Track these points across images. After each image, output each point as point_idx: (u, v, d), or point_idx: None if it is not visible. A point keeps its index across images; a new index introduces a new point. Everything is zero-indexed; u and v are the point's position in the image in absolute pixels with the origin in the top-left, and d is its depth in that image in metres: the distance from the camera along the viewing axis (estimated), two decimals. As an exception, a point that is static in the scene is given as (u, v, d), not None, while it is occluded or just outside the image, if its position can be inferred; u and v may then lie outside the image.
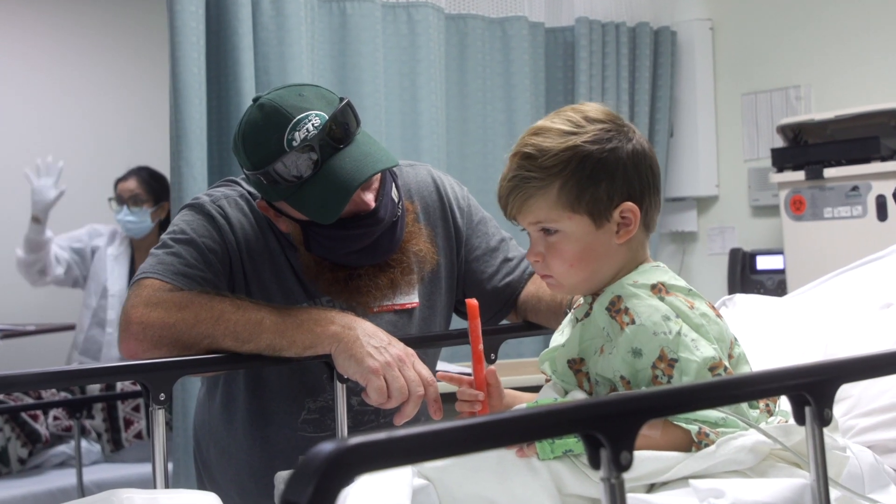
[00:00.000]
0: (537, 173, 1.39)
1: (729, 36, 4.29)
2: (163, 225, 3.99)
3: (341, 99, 1.69)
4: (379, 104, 3.32)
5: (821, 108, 3.89)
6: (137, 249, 4.06)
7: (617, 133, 1.41)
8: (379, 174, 1.70)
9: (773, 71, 4.12)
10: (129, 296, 1.67)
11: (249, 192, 1.82)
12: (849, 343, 1.74)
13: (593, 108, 1.43)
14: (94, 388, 3.57)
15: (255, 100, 1.70)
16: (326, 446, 0.73)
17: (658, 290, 1.38)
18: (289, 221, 1.73)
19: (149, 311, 1.62)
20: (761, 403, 1.38)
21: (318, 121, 1.63)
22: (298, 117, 1.64)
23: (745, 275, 3.95)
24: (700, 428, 1.29)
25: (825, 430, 1.11)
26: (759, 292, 3.63)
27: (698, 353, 1.31)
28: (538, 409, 0.88)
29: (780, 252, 3.84)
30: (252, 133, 1.66)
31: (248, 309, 1.64)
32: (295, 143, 1.62)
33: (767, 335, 1.87)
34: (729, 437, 1.27)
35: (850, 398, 1.62)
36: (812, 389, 1.07)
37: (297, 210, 1.67)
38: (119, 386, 3.56)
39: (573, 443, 1.27)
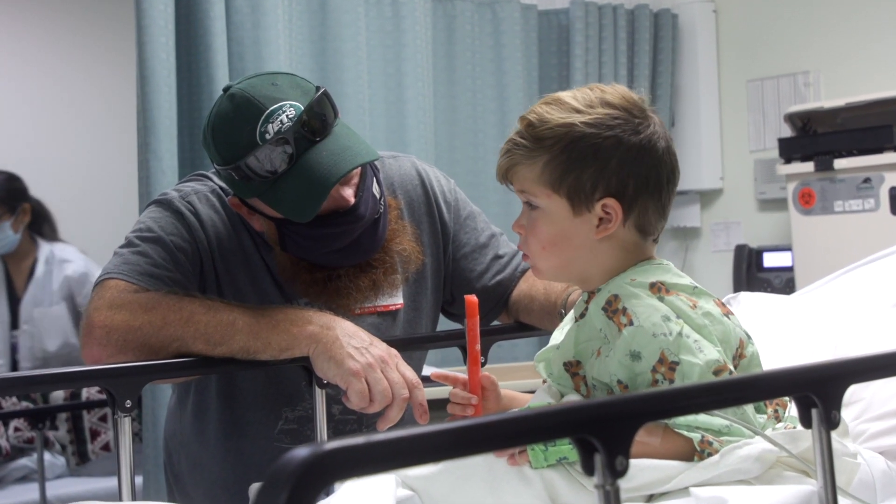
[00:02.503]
0: (529, 143, 1.40)
1: (733, 18, 4.30)
2: (32, 227, 3.82)
3: (317, 88, 1.68)
4: (362, 92, 3.32)
5: (831, 95, 3.90)
6: (11, 266, 3.86)
7: (625, 122, 1.40)
8: (359, 168, 1.70)
9: (780, 56, 4.13)
10: (91, 298, 1.67)
11: (221, 188, 1.81)
12: (860, 344, 1.75)
13: (615, 92, 1.43)
14: (58, 397, 3.57)
15: (225, 90, 1.69)
16: (301, 451, 0.73)
17: (657, 288, 1.37)
18: (263, 219, 1.72)
19: (112, 313, 1.61)
20: (769, 409, 1.38)
21: (293, 112, 1.63)
22: (272, 108, 1.63)
23: (751, 272, 3.96)
24: (703, 436, 1.29)
25: (834, 434, 1.11)
26: (765, 291, 3.64)
27: (701, 355, 1.30)
28: (528, 411, 0.89)
29: (787, 248, 3.85)
30: (222, 125, 1.65)
31: (220, 309, 1.63)
32: (268, 136, 1.61)
33: (774, 335, 1.87)
34: (734, 446, 1.27)
35: (861, 401, 1.63)
36: (818, 390, 1.08)
37: (272, 207, 1.66)
38: (84, 394, 3.56)
39: (567, 450, 1.27)
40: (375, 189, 1.74)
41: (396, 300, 1.86)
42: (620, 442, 0.90)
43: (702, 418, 1.29)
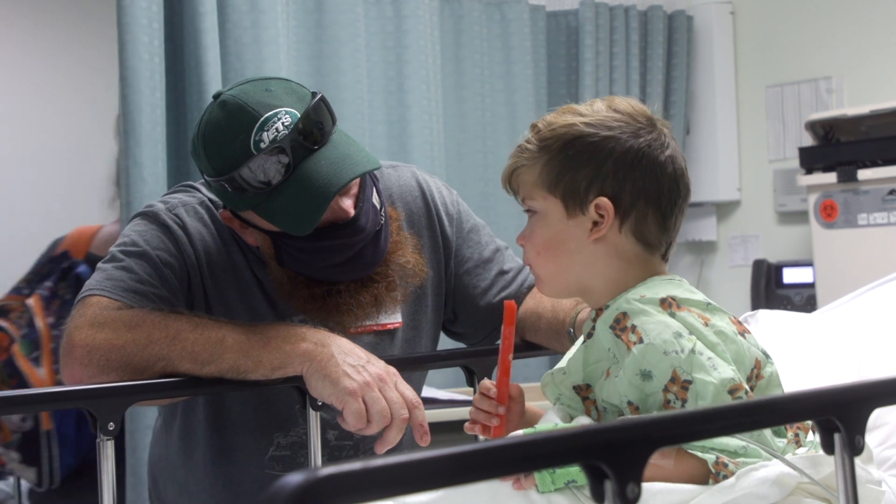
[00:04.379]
0: (534, 146, 1.48)
1: (752, 21, 4.31)
2: None
3: (314, 94, 1.68)
4: (361, 97, 3.32)
5: (855, 102, 3.90)
6: None
7: (625, 125, 1.45)
8: (358, 178, 1.70)
9: (801, 60, 4.14)
10: (72, 316, 1.66)
11: (211, 199, 1.82)
12: (885, 365, 1.75)
13: (625, 100, 1.50)
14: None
15: (215, 96, 1.69)
16: (295, 478, 0.73)
17: (668, 304, 1.38)
18: (257, 233, 1.72)
19: (94, 332, 1.61)
20: (789, 433, 1.38)
21: (289, 119, 1.63)
22: (266, 115, 1.63)
23: (770, 289, 3.96)
24: (718, 457, 1.29)
25: (857, 460, 1.11)
26: (785, 308, 3.64)
27: (715, 373, 1.31)
28: (534, 436, 0.89)
29: (809, 264, 3.85)
30: (213, 134, 1.65)
31: (208, 326, 1.63)
32: (263, 145, 1.61)
33: (794, 356, 1.87)
34: (750, 468, 1.27)
35: (886, 426, 1.63)
36: (841, 414, 1.08)
37: (267, 220, 1.66)
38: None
39: (576, 472, 1.27)
40: (375, 199, 1.74)
41: (395, 318, 1.86)
42: (632, 468, 0.90)
43: (717, 439, 1.29)
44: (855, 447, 1.09)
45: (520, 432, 1.45)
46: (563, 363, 1.47)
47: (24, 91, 5.09)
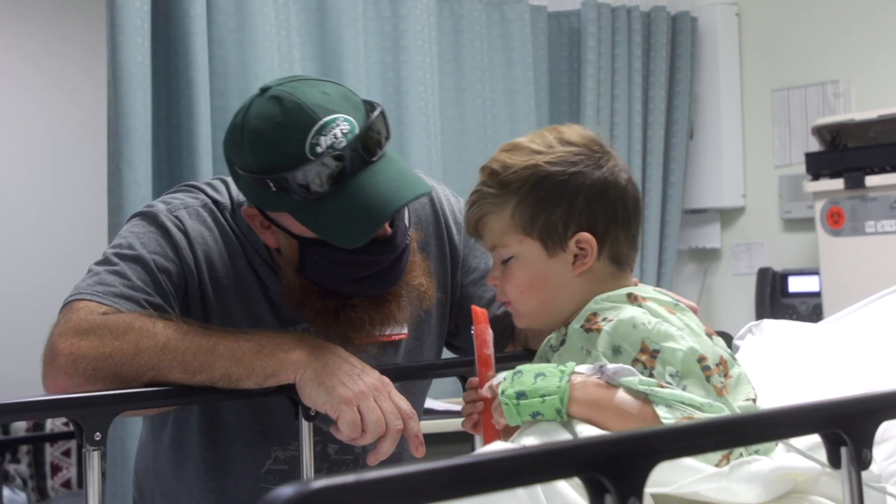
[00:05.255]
0: (496, 190, 1.53)
1: (758, 22, 4.31)
2: None
3: (372, 104, 1.66)
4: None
5: (862, 107, 3.91)
6: None
7: (586, 158, 1.53)
8: None
9: (807, 63, 4.14)
10: (57, 321, 1.65)
11: (215, 201, 1.80)
12: (893, 376, 1.75)
13: (572, 131, 1.57)
14: (20, 428, 3.56)
15: (263, 90, 1.65)
16: (286, 490, 0.73)
17: (633, 298, 1.47)
18: (281, 236, 1.69)
19: (79, 339, 1.59)
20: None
21: (347, 127, 1.60)
22: (325, 120, 1.60)
23: (775, 298, 3.96)
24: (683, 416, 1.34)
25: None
26: (791, 318, 3.64)
27: (683, 342, 1.38)
28: (532, 449, 0.89)
29: (815, 272, 3.86)
30: (267, 130, 1.61)
31: (199, 334, 1.62)
32: (320, 150, 1.58)
33: (800, 367, 1.88)
34: (743, 461, 1.30)
35: (893, 439, 1.63)
36: (848, 427, 1.08)
37: (308, 227, 1.63)
38: (49, 425, 3.55)
39: (538, 403, 1.36)
40: (406, 219, 1.74)
41: (399, 330, 1.85)
42: (633, 482, 0.90)
43: (685, 394, 1.34)
44: (862, 461, 1.09)
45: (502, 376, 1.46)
46: None
47: (10, 93, 5.09)
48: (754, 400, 1.45)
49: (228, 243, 1.78)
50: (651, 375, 1.38)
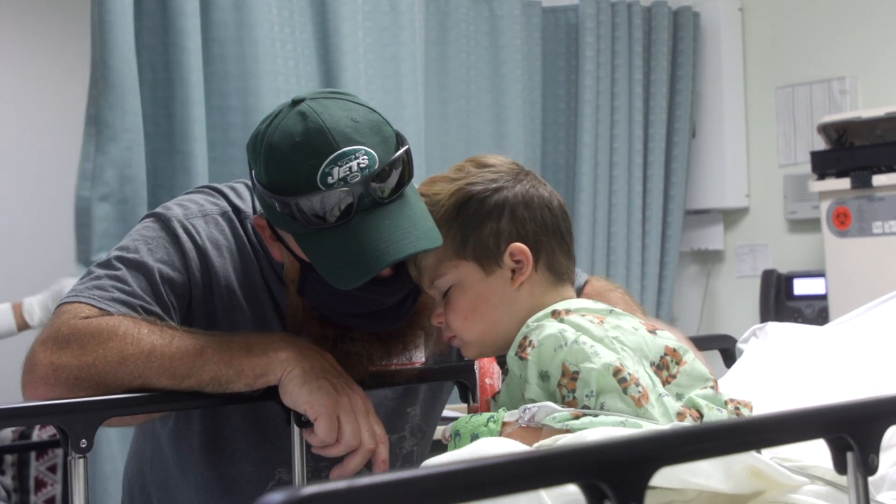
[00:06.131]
0: None
1: (762, 18, 4.32)
2: None
3: (399, 138, 1.62)
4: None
5: (869, 104, 3.92)
6: None
7: (505, 175, 1.61)
8: None
9: (813, 60, 4.15)
10: (47, 325, 1.64)
11: (236, 209, 1.78)
12: (901, 380, 1.75)
13: (491, 157, 1.65)
14: (5, 437, 3.55)
15: (296, 101, 1.60)
16: (276, 496, 0.73)
17: (557, 314, 1.52)
18: (287, 254, 1.68)
19: (60, 347, 1.57)
20: (730, 405, 1.49)
21: (366, 161, 1.55)
22: (344, 150, 1.55)
23: (779, 300, 3.97)
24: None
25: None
26: (796, 321, 3.64)
27: (597, 359, 1.41)
28: (529, 453, 0.89)
29: (821, 274, 3.86)
30: (284, 148, 1.57)
31: (184, 338, 1.61)
32: (330, 180, 1.54)
33: (805, 370, 1.87)
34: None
35: (900, 445, 1.63)
36: (854, 431, 1.08)
37: (308, 257, 1.60)
38: (36, 435, 3.54)
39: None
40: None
41: (418, 358, 1.85)
42: (633, 489, 0.90)
43: (599, 419, 1.36)
44: (869, 467, 1.09)
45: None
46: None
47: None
48: (713, 386, 1.50)
49: (244, 256, 1.76)
50: (574, 399, 1.42)
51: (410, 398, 1.93)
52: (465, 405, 1.89)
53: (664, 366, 1.49)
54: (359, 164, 1.55)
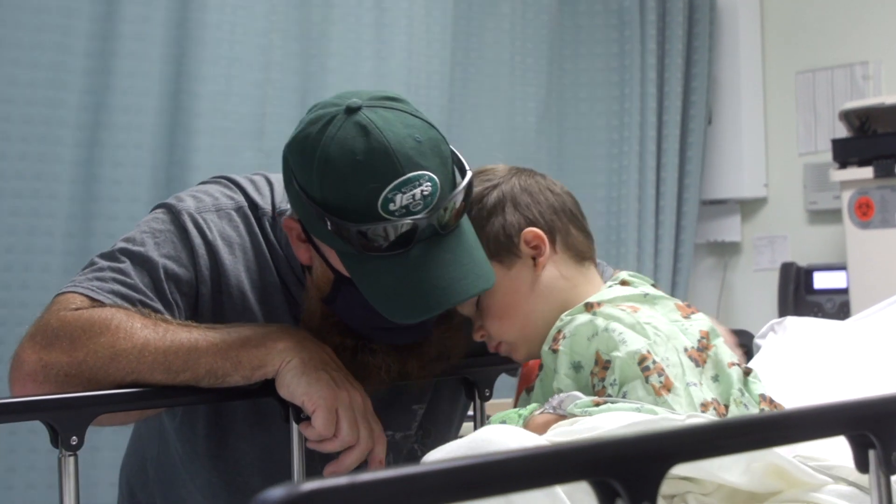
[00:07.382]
0: None
1: (781, 1, 4.31)
2: None
3: (458, 163, 1.59)
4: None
5: (894, 90, 3.91)
6: None
7: (500, 173, 1.68)
8: None
9: (834, 44, 4.14)
10: (37, 317, 1.63)
11: (253, 204, 1.75)
12: (925, 376, 1.75)
13: (490, 166, 1.72)
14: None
15: (352, 109, 1.54)
16: (276, 492, 0.73)
17: (590, 306, 1.56)
18: (319, 262, 1.64)
19: (49, 342, 1.56)
20: (763, 405, 1.51)
21: (429, 189, 1.51)
22: (409, 175, 1.50)
23: (799, 294, 3.96)
24: None
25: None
26: (816, 315, 3.64)
27: (624, 346, 1.46)
28: (538, 449, 0.89)
29: (842, 267, 3.86)
30: (344, 165, 1.51)
31: (178, 331, 1.60)
32: (392, 207, 1.50)
33: (826, 366, 1.88)
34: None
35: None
36: (877, 428, 1.08)
37: (354, 279, 1.57)
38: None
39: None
40: None
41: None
42: (646, 486, 0.90)
43: (616, 405, 1.38)
44: (892, 465, 1.09)
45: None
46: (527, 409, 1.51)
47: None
48: (738, 364, 1.54)
49: (259, 255, 1.74)
50: (603, 387, 1.46)
51: (417, 396, 1.93)
52: (471, 402, 1.90)
53: (703, 348, 1.54)
54: (422, 191, 1.51)
